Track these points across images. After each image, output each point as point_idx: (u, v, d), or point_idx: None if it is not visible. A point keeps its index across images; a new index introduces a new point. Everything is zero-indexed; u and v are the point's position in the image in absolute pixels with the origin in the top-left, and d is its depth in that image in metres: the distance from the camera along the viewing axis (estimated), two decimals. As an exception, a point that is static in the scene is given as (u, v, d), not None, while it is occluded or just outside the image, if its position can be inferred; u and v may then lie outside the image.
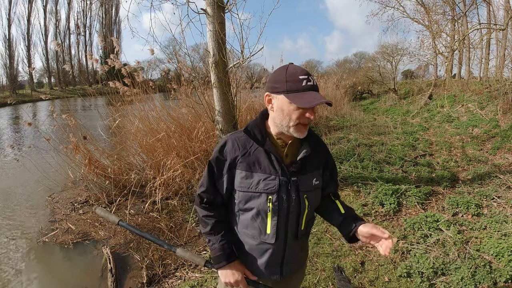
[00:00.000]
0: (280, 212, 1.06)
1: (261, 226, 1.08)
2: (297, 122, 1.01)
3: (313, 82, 1.01)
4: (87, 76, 38.01)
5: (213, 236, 1.13)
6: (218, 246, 1.11)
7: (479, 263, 2.41)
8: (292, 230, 1.11)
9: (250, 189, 1.06)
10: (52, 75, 36.10)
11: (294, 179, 1.07)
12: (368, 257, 2.70)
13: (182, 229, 3.38)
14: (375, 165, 4.84)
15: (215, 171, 1.12)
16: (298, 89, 0.98)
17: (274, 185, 1.04)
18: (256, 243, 1.12)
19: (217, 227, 1.14)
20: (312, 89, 1.00)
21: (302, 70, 1.01)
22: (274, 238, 1.08)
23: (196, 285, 2.42)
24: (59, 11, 35.92)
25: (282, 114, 1.03)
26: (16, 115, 15.28)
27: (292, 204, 1.07)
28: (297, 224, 1.11)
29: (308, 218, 1.14)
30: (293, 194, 1.07)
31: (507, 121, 7.18)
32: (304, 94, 0.98)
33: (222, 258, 1.11)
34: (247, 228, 1.12)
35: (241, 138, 1.09)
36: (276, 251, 1.11)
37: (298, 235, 1.12)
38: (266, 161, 1.06)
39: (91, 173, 4.25)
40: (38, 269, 2.83)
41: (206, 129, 4.63)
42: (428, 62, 13.47)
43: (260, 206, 1.06)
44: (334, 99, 12.85)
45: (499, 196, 3.68)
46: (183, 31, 3.41)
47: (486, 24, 11.48)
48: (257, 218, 1.08)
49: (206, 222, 1.15)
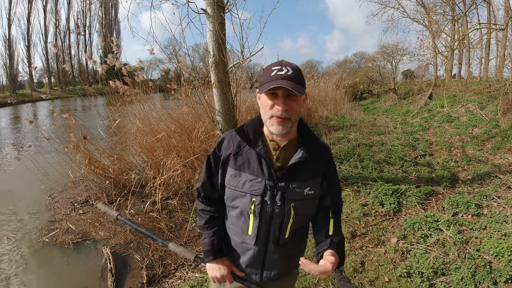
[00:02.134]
0: (262, 216, 1.04)
1: (243, 226, 1.09)
2: (270, 114, 0.99)
3: (287, 71, 0.95)
4: (87, 76, 38.02)
5: (206, 230, 1.16)
6: (208, 241, 1.15)
7: (479, 263, 2.41)
8: (275, 237, 1.07)
9: (237, 188, 1.06)
10: (52, 75, 36.11)
11: (281, 185, 1.02)
12: (368, 257, 2.70)
13: (182, 229, 3.38)
14: (375, 165, 4.84)
15: (212, 167, 1.13)
16: (266, 80, 0.98)
17: (259, 188, 1.02)
18: (239, 241, 1.13)
19: (211, 223, 1.17)
20: (283, 78, 0.94)
21: (278, 63, 0.99)
22: (254, 240, 1.07)
23: (196, 285, 2.42)
24: (59, 11, 35.95)
25: (262, 109, 1.03)
26: (16, 115, 15.28)
27: (276, 210, 1.03)
28: (279, 231, 1.06)
29: (295, 228, 1.08)
30: (278, 201, 1.02)
31: (507, 121, 7.18)
32: (270, 82, 0.95)
33: (210, 252, 1.14)
34: (233, 225, 1.14)
35: (237, 136, 1.09)
36: (256, 254, 1.10)
37: (279, 243, 1.08)
38: (255, 163, 1.04)
39: (91, 173, 4.25)
40: (38, 269, 2.83)
41: (206, 129, 4.63)
42: (428, 62, 13.47)
43: (243, 207, 1.06)
44: (334, 99, 12.85)
45: (499, 196, 3.68)
46: (183, 31, 3.41)
47: (486, 24, 11.48)
48: (241, 217, 1.09)
49: (202, 216, 1.18)
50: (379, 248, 2.83)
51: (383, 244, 2.89)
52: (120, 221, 1.46)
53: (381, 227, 3.17)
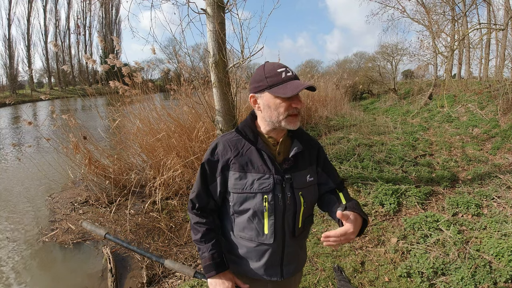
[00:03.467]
0: (276, 211, 1.05)
1: (258, 227, 1.07)
2: (286, 114, 1.01)
3: (292, 72, 1.01)
4: (87, 76, 38.02)
5: (204, 244, 1.11)
6: (208, 255, 1.09)
7: (479, 263, 2.41)
8: (290, 229, 1.09)
9: (245, 189, 1.05)
10: (52, 75, 36.12)
11: (288, 176, 1.06)
12: (368, 257, 2.70)
13: (182, 229, 3.38)
14: (375, 165, 4.84)
15: (208, 174, 1.10)
16: (279, 82, 0.99)
17: (268, 184, 1.03)
18: (254, 245, 1.10)
19: (208, 235, 1.12)
20: (293, 79, 1.00)
21: (279, 64, 1.02)
22: (272, 238, 1.07)
23: (196, 285, 2.42)
24: (59, 11, 35.98)
25: (270, 110, 1.03)
26: (16, 115, 15.28)
27: (287, 202, 1.06)
28: (294, 222, 1.09)
29: (305, 216, 1.12)
30: (288, 192, 1.06)
31: (507, 121, 7.18)
32: (286, 84, 0.99)
33: (212, 267, 1.08)
34: (243, 230, 1.10)
35: (232, 139, 1.09)
36: (275, 252, 1.10)
37: (295, 233, 1.10)
38: (259, 161, 1.05)
39: (91, 173, 4.25)
40: (38, 269, 2.83)
41: (206, 129, 4.63)
42: (428, 62, 13.46)
43: (256, 207, 1.05)
44: (334, 99, 12.85)
45: (499, 196, 3.68)
46: (183, 31, 3.41)
47: (486, 24, 11.48)
48: (254, 219, 1.07)
49: (197, 230, 1.13)
50: (379, 248, 2.83)
51: (383, 244, 2.89)
52: (109, 239, 1.37)
53: (381, 227, 3.17)
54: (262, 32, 3.36)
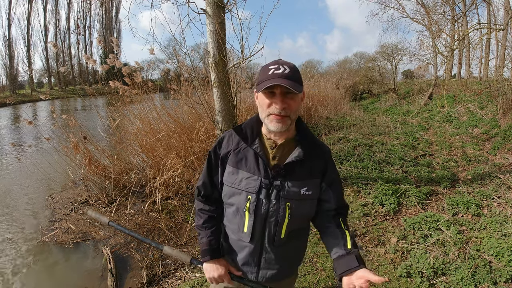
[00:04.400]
0: (257, 214, 1.04)
1: (239, 223, 1.09)
2: (268, 113, 1.00)
3: (284, 70, 0.96)
4: (87, 76, 38.02)
5: (204, 230, 1.15)
6: (206, 241, 1.14)
7: (479, 263, 2.41)
8: (270, 236, 1.06)
9: (234, 185, 1.06)
10: (52, 75, 36.10)
11: (277, 183, 1.02)
12: (368, 257, 2.70)
13: (182, 229, 3.38)
14: (375, 165, 4.84)
15: (212, 165, 1.14)
16: (264, 79, 0.98)
17: (254, 186, 1.03)
18: (235, 238, 1.13)
19: (209, 222, 1.16)
20: (280, 77, 0.95)
21: (275, 62, 1.00)
22: (249, 237, 1.07)
23: (196, 285, 2.42)
24: (59, 11, 35.95)
25: (259, 108, 1.05)
26: (16, 115, 15.28)
27: (270, 209, 1.03)
28: (275, 231, 1.05)
29: (292, 229, 1.07)
30: (273, 199, 1.02)
31: (507, 121, 7.18)
32: (268, 81, 0.96)
33: (207, 252, 1.13)
34: (230, 222, 1.14)
35: (236, 134, 1.11)
36: (252, 252, 1.10)
37: (275, 243, 1.07)
38: (252, 161, 1.05)
39: (91, 173, 4.24)
40: (38, 269, 2.83)
41: (206, 129, 4.63)
42: (428, 62, 13.46)
43: (239, 204, 1.06)
44: (334, 99, 12.86)
45: (499, 196, 3.68)
46: (183, 31, 3.41)
47: (486, 24, 11.49)
48: (237, 215, 1.09)
49: (200, 216, 1.18)
50: (379, 248, 2.83)
51: (383, 244, 2.89)
52: (112, 226, 1.45)
53: (381, 227, 3.17)
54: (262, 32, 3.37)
